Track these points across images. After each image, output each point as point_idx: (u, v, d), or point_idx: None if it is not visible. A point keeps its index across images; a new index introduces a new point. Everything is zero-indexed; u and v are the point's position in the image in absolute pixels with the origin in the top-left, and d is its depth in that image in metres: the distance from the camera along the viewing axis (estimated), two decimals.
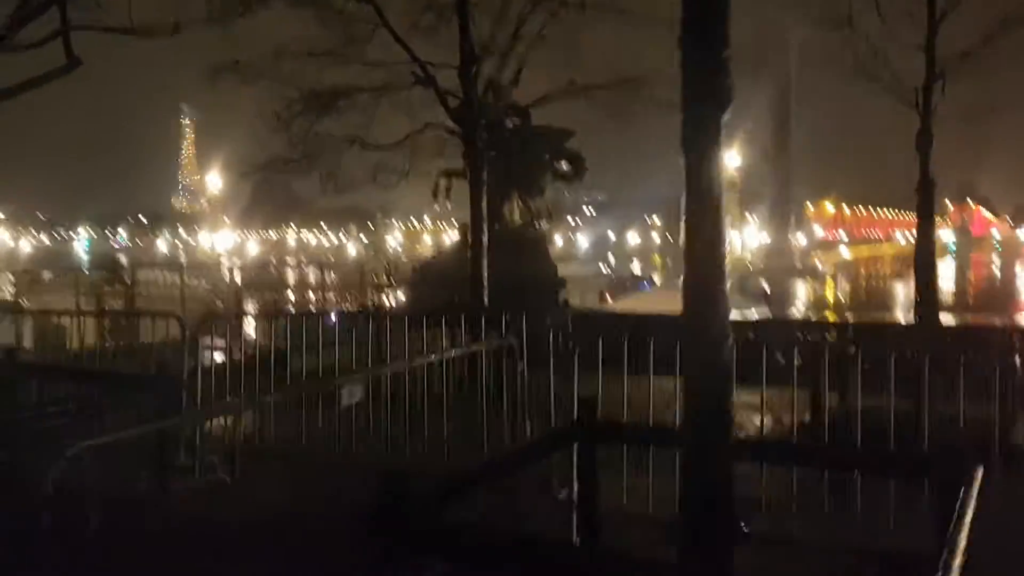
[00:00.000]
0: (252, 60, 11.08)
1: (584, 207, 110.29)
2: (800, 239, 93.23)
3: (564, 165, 19.64)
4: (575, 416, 4.48)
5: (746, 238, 72.44)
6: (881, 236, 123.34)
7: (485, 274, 11.06)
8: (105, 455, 6.54)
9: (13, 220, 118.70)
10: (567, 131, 19.34)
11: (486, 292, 11.08)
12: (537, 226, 19.51)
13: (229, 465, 6.42)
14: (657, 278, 54.98)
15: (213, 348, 8.12)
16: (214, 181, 68.88)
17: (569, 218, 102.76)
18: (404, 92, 12.03)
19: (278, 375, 7.98)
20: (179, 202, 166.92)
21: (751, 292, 41.14)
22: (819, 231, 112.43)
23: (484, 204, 11.41)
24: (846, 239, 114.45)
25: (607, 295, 27.92)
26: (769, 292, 44.42)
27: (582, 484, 4.48)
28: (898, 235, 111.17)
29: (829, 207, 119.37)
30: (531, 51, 11.44)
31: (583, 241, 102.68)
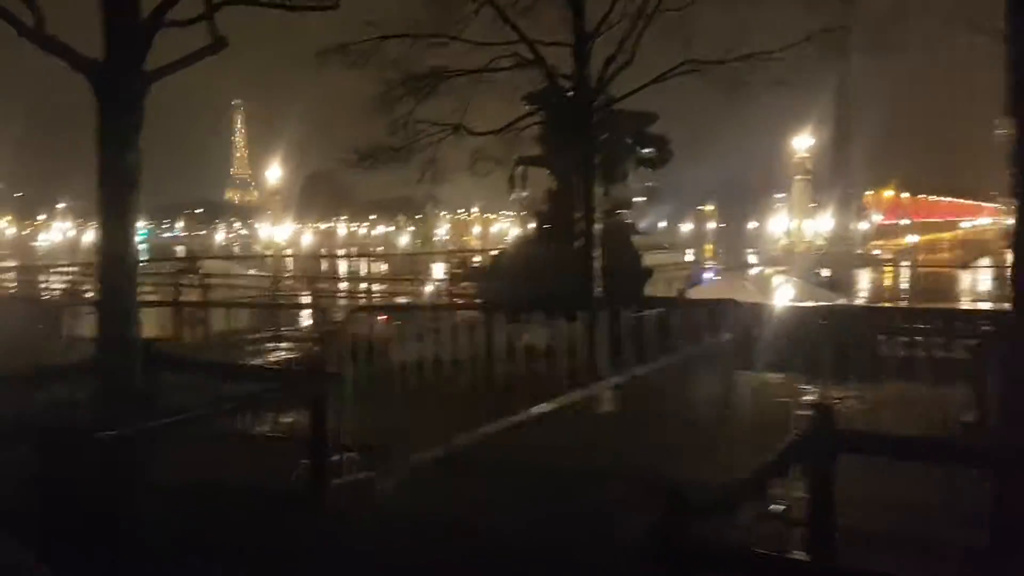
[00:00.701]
0: (357, 43, 10.81)
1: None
2: (861, 226, 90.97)
3: (647, 150, 19.00)
4: (810, 425, 4.03)
5: (818, 224, 70.41)
6: (945, 223, 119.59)
7: (596, 265, 10.64)
8: (229, 451, 6.29)
9: (74, 212, 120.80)
10: (650, 114, 18.65)
11: (597, 283, 10.66)
12: (619, 214, 18.94)
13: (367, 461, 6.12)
14: (717, 266, 53.89)
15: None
16: (274, 173, 69.54)
17: None
18: (505, 75, 11.63)
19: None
20: (232, 194, 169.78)
21: (815, 279, 39.75)
22: (879, 218, 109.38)
23: (594, 191, 10.97)
24: (907, 226, 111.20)
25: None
26: (829, 278, 42.96)
27: (818, 499, 4.04)
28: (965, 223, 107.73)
29: (889, 194, 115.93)
30: (647, 28, 10.87)
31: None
